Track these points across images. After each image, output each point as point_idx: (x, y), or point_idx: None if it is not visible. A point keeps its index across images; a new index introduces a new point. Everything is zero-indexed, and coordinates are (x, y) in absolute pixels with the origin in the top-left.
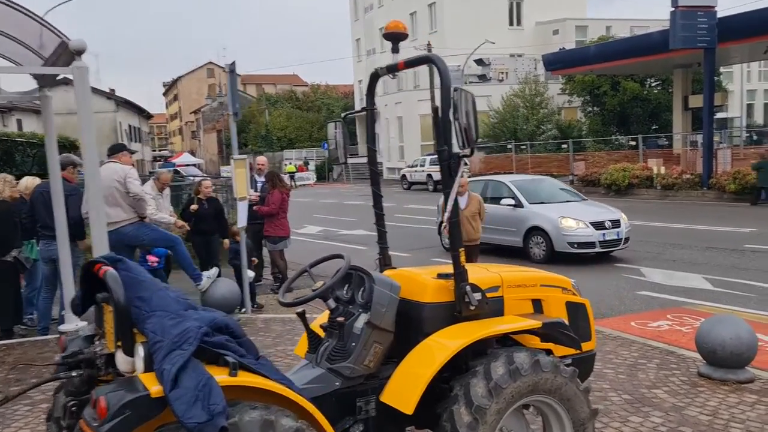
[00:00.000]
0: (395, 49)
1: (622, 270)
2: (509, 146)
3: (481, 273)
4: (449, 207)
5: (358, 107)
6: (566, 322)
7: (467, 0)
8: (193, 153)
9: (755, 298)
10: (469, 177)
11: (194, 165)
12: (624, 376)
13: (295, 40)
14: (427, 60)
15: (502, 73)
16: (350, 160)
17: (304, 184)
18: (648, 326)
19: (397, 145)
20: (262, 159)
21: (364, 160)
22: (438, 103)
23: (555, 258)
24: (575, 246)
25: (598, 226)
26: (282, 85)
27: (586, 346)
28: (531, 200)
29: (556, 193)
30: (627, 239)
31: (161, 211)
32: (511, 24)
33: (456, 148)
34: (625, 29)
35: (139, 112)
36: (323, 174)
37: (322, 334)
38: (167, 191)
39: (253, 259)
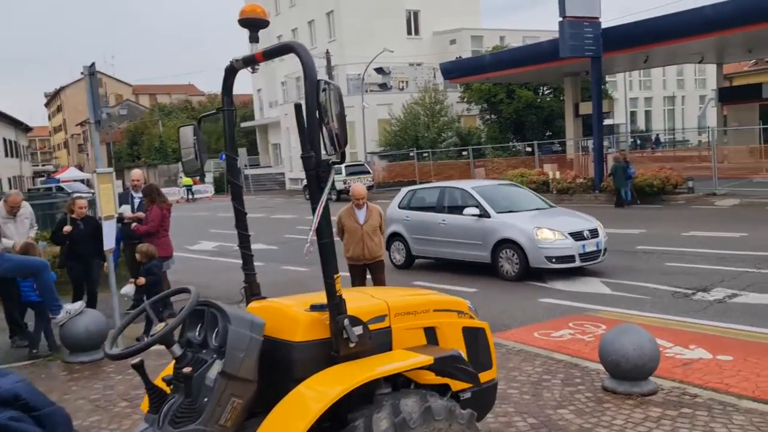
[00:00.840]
0: (253, 38)
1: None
2: (411, 154)
3: (364, 301)
4: (315, 224)
5: (258, 117)
6: (463, 353)
7: (365, 9)
8: (80, 167)
9: (650, 300)
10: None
11: (81, 180)
12: (529, 396)
13: (191, 48)
14: (289, 49)
15: (403, 81)
16: (253, 171)
17: (201, 197)
18: (551, 336)
19: (299, 154)
20: (137, 173)
21: (266, 170)
22: (302, 101)
23: (530, 274)
24: (553, 261)
25: (577, 236)
26: (177, 95)
27: (486, 376)
28: (498, 209)
29: (522, 199)
30: (605, 250)
31: (15, 236)
32: (409, 33)
33: (325, 154)
34: (518, 39)
35: (15, 125)
36: (222, 186)
37: (167, 389)
38: (25, 212)
39: (140, 279)
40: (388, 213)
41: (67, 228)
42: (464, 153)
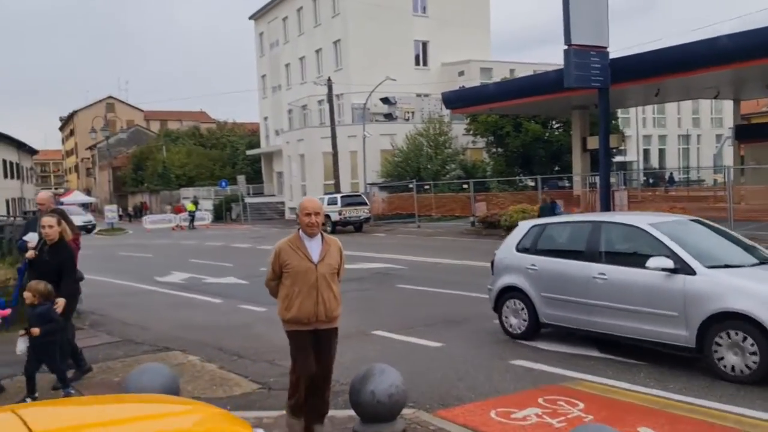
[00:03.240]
0: None
1: (498, 327)
2: (410, 185)
3: None
4: None
5: (264, 145)
6: None
7: (373, 39)
8: (88, 192)
9: (645, 366)
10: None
11: (84, 204)
12: None
13: (202, 77)
14: None
15: (408, 112)
16: (253, 200)
17: (200, 224)
18: (512, 418)
19: (300, 183)
20: (43, 195)
21: (268, 199)
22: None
23: None
24: None
25: None
26: (188, 122)
27: None
28: (705, 261)
29: (724, 245)
30: None
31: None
32: (417, 64)
33: None
34: (528, 72)
35: (18, 147)
36: (221, 214)
37: None
38: None
39: (33, 329)
40: (498, 257)
41: (30, 253)
42: (465, 186)
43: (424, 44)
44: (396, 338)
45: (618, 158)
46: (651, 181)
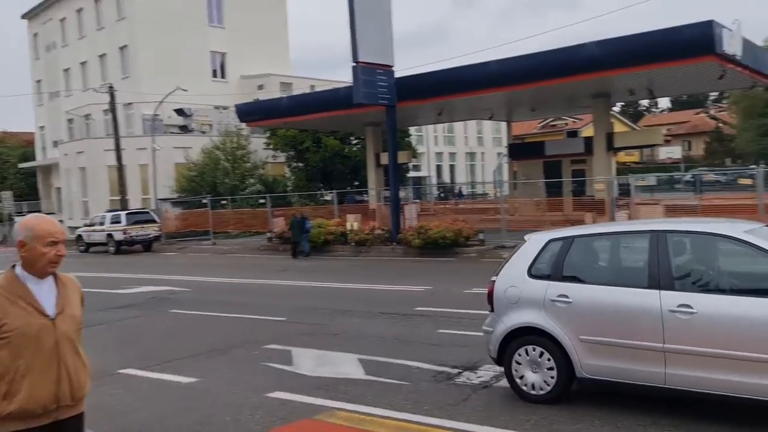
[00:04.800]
0: None
1: (269, 354)
2: (204, 201)
3: None
4: None
5: (40, 157)
6: None
7: (165, 47)
8: None
9: (406, 388)
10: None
11: None
12: None
13: None
14: None
15: (206, 124)
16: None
17: None
18: None
19: (81, 200)
20: None
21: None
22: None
23: None
24: None
25: None
26: None
27: None
28: None
29: None
30: None
31: None
32: (215, 76)
33: None
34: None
35: None
36: None
37: None
38: None
39: None
40: (500, 286)
41: None
42: (262, 201)
43: (223, 56)
44: (145, 376)
45: (413, 173)
46: (442, 194)
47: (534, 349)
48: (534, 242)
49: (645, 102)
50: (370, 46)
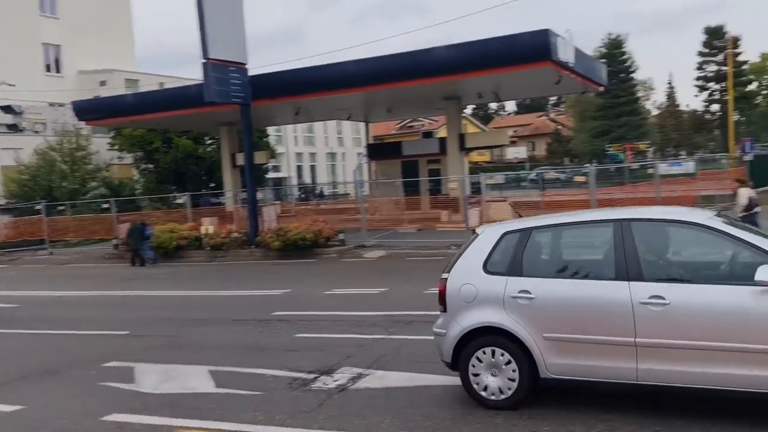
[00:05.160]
0: None
1: (108, 373)
2: (38, 207)
3: None
4: None
5: None
6: None
7: None
8: None
9: (260, 397)
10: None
11: None
12: None
13: None
14: None
15: (39, 123)
16: None
17: None
18: None
19: None
20: None
21: None
22: None
23: None
24: None
25: None
26: None
27: None
28: None
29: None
30: None
31: None
32: (49, 71)
33: None
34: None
35: None
36: None
37: None
38: None
39: None
40: (453, 284)
41: None
42: (106, 206)
43: (57, 48)
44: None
45: (273, 174)
46: (303, 195)
47: (493, 351)
48: (487, 236)
49: (494, 105)
50: (222, 42)
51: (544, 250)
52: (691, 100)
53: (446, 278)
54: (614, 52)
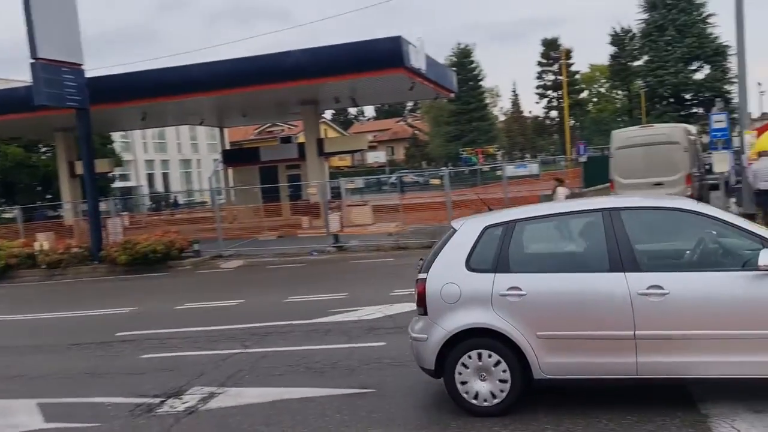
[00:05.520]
0: None
1: None
2: None
3: None
4: None
5: None
6: None
7: None
8: None
9: (98, 429)
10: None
11: None
12: None
13: None
14: None
15: None
16: None
17: None
18: None
19: None
20: None
21: None
22: None
23: None
24: None
25: None
26: None
27: None
28: None
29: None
30: None
31: None
32: None
33: None
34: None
35: None
36: None
37: None
38: None
39: None
40: (434, 285)
41: None
42: None
43: None
44: None
45: (120, 183)
46: (154, 205)
47: (482, 354)
48: (467, 231)
49: (353, 110)
50: (53, 41)
51: (530, 244)
52: (533, 106)
53: (425, 278)
54: (463, 60)
